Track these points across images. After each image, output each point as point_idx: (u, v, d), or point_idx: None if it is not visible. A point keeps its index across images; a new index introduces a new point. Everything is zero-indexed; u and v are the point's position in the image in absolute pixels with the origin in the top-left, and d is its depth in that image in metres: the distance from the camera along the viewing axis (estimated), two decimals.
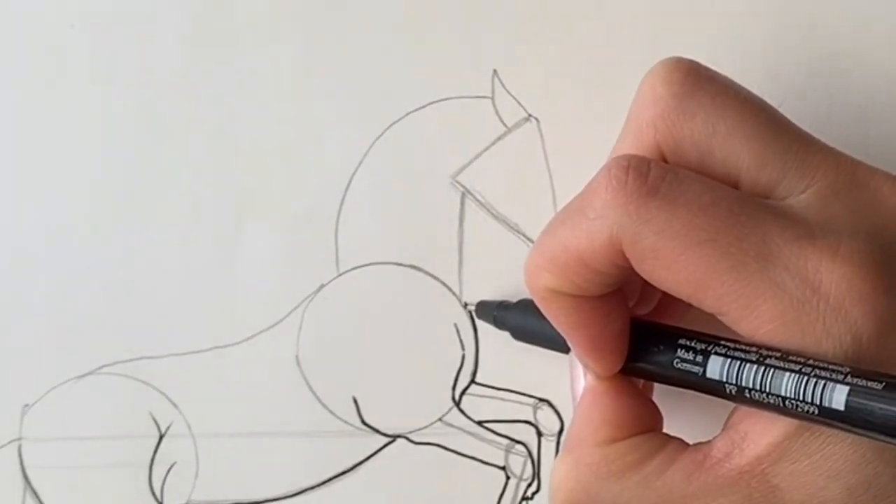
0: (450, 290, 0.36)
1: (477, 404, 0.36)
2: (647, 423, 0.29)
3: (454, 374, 0.36)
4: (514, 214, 0.36)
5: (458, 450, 0.36)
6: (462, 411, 0.36)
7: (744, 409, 0.27)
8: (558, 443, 0.35)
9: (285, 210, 0.36)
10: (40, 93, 0.36)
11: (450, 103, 0.36)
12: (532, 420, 0.36)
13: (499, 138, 0.36)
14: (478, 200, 0.36)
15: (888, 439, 0.24)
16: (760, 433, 0.26)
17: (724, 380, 0.26)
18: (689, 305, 0.27)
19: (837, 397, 0.24)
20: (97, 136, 0.36)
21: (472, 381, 0.36)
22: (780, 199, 0.27)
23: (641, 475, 0.28)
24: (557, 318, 0.29)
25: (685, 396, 0.28)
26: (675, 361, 0.27)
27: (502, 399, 0.36)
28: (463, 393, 0.36)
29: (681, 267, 0.26)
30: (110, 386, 0.36)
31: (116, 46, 0.36)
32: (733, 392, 0.26)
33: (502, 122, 0.36)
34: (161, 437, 0.36)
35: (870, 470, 0.25)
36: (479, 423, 0.36)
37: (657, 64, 0.28)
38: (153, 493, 0.36)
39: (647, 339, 0.29)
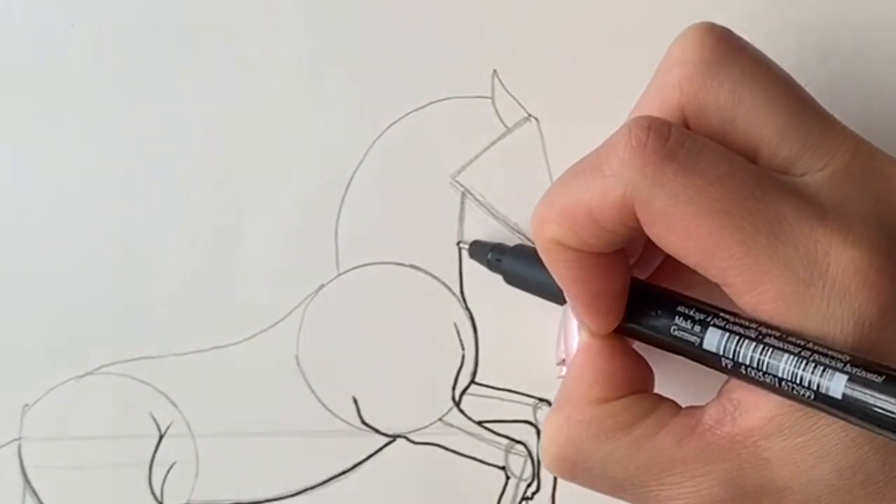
0: (450, 290, 0.36)
1: (477, 404, 0.36)
2: (639, 384, 0.29)
3: (454, 374, 0.36)
4: (514, 214, 0.36)
5: (458, 450, 0.36)
6: (462, 411, 0.36)
7: (734, 380, 0.27)
8: None
9: (285, 210, 0.36)
10: (40, 93, 0.36)
11: (450, 103, 0.36)
12: (532, 420, 0.36)
13: (499, 138, 0.36)
14: (478, 200, 0.36)
15: (883, 432, 0.24)
16: (754, 404, 0.26)
17: (721, 353, 0.26)
18: (688, 274, 0.27)
19: (835, 386, 0.24)
20: (97, 135, 0.36)
21: (472, 381, 0.36)
22: (796, 176, 0.27)
23: (632, 436, 0.28)
24: (559, 270, 0.28)
25: (680, 358, 0.28)
26: (672, 328, 0.27)
27: (502, 399, 0.36)
28: (463, 393, 0.36)
29: (691, 234, 0.26)
30: (110, 386, 0.36)
31: (116, 46, 0.36)
32: (729, 366, 0.26)
33: (502, 122, 0.36)
34: (161, 437, 0.36)
35: (860, 454, 0.26)
36: (479, 423, 0.36)
37: (690, 27, 0.28)
38: (153, 493, 0.36)
39: (645, 302, 0.28)
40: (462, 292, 0.36)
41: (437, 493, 0.36)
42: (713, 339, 0.26)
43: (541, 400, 0.36)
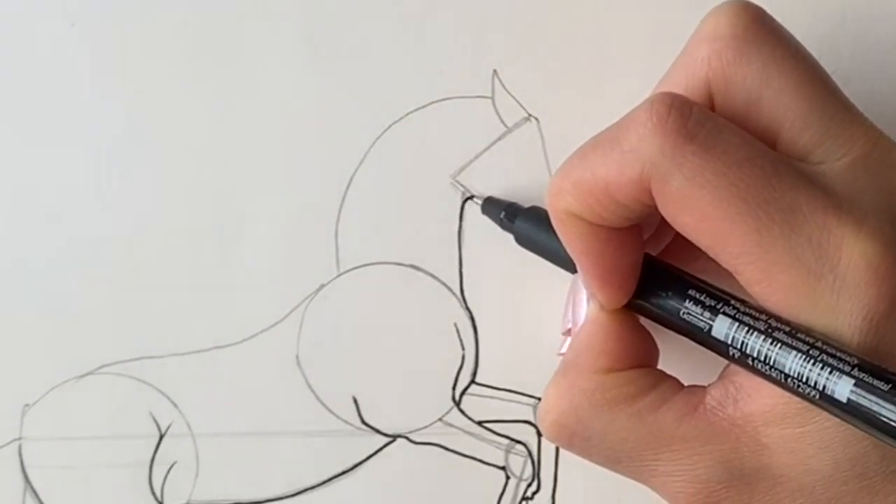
0: (450, 290, 0.36)
1: (477, 404, 0.36)
2: (644, 358, 0.30)
3: (454, 374, 0.36)
4: None
5: (458, 450, 0.36)
6: (462, 411, 0.36)
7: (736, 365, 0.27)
8: None
9: (285, 210, 0.36)
10: (40, 93, 0.36)
11: (450, 103, 0.36)
12: (532, 420, 0.36)
13: (499, 138, 0.36)
14: (478, 200, 0.36)
15: (885, 439, 0.24)
16: (756, 390, 0.27)
17: (729, 343, 0.26)
18: (699, 256, 0.27)
19: (841, 389, 0.24)
20: (97, 135, 0.36)
21: (472, 381, 0.36)
22: (813, 164, 0.27)
23: (634, 409, 0.28)
24: (572, 242, 0.28)
25: (685, 338, 0.28)
26: (681, 311, 0.27)
27: (502, 399, 0.36)
28: (463, 393, 0.36)
29: (705, 217, 0.25)
30: (110, 386, 0.36)
31: (116, 46, 0.36)
32: (736, 356, 0.26)
33: (502, 122, 0.36)
34: (161, 437, 0.36)
35: (859, 448, 0.26)
36: (479, 423, 0.36)
37: (724, 3, 0.28)
38: (153, 493, 0.36)
39: (657, 281, 0.28)
40: (462, 292, 0.36)
41: (437, 493, 0.36)
42: (722, 328, 0.26)
43: (541, 400, 0.36)
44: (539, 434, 0.36)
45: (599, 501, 0.35)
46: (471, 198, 0.36)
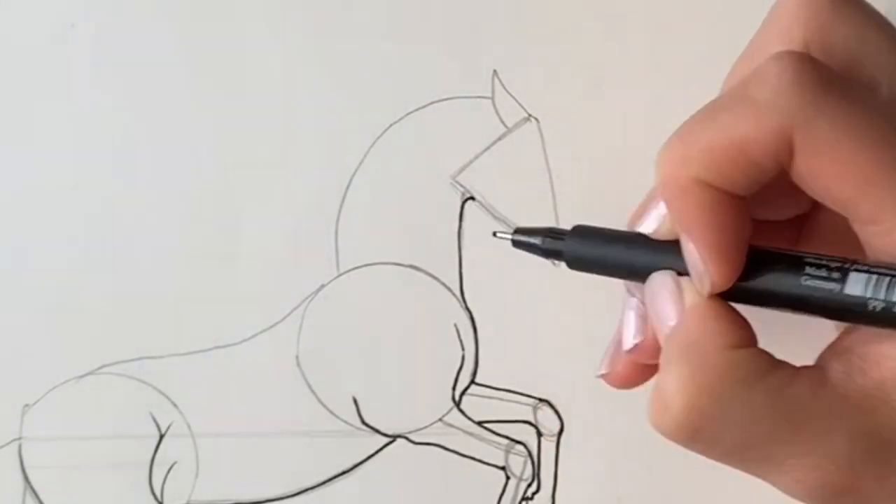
0: (450, 290, 0.36)
1: (477, 404, 0.36)
2: (753, 340, 0.28)
3: (454, 374, 0.36)
4: (513, 214, 0.36)
5: (458, 450, 0.36)
6: (462, 411, 0.36)
7: (854, 336, 0.26)
8: (558, 443, 0.35)
9: (285, 210, 0.36)
10: (40, 92, 0.36)
11: (450, 103, 0.36)
12: (532, 420, 0.36)
13: (499, 138, 0.36)
14: (478, 200, 0.36)
15: None
16: (884, 356, 0.25)
17: (869, 296, 0.25)
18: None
19: None
20: (97, 135, 0.36)
21: (472, 381, 0.36)
22: None
23: (768, 384, 0.26)
24: (693, 215, 0.27)
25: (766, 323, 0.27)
26: (803, 278, 0.26)
27: (502, 399, 0.36)
28: (463, 393, 0.36)
29: (851, 162, 0.25)
30: (110, 386, 0.36)
31: (116, 46, 0.36)
32: (878, 309, 0.25)
33: (502, 122, 0.36)
34: (161, 437, 0.36)
35: None
36: (479, 423, 0.36)
37: None
38: (153, 493, 0.36)
39: (764, 260, 0.27)
40: (462, 292, 0.36)
41: (437, 493, 0.36)
42: (857, 284, 0.25)
43: (541, 400, 0.36)
44: (539, 434, 0.36)
45: (599, 501, 0.35)
46: (471, 198, 0.36)
